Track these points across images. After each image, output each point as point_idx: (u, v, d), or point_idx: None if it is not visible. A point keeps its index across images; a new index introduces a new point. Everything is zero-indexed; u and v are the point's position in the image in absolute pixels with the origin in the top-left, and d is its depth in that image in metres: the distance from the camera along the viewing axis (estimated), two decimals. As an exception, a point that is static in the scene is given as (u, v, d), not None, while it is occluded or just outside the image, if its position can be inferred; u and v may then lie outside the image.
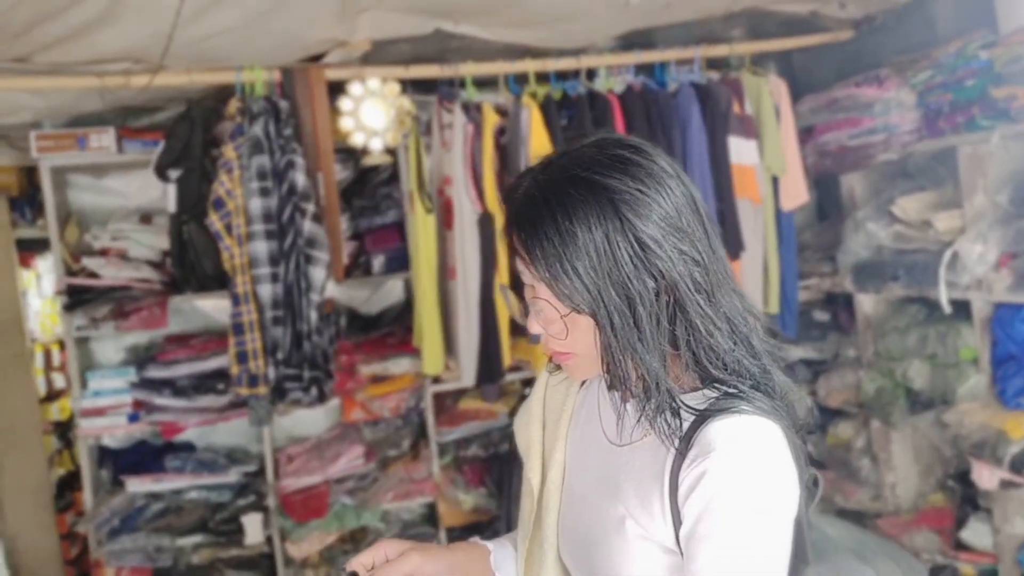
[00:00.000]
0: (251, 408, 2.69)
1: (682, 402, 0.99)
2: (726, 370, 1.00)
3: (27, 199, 4.19)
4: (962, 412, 2.69)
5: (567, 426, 1.18)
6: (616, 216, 0.96)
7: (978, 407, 2.67)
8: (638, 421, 1.03)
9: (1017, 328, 2.55)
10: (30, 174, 4.16)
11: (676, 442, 0.98)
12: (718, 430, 0.95)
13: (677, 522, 0.97)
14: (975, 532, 2.85)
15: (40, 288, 4.80)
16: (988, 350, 2.66)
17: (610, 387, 1.04)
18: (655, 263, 0.96)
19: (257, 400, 2.66)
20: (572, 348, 1.03)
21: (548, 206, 0.97)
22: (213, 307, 3.59)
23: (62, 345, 4.95)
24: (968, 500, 2.95)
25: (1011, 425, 2.52)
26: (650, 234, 0.96)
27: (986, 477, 2.60)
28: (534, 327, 1.04)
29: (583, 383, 1.21)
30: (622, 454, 1.07)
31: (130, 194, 3.52)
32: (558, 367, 1.20)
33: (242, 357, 2.63)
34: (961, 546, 2.89)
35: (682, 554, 0.97)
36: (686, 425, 0.98)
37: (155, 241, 3.33)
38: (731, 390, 0.99)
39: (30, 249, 4.53)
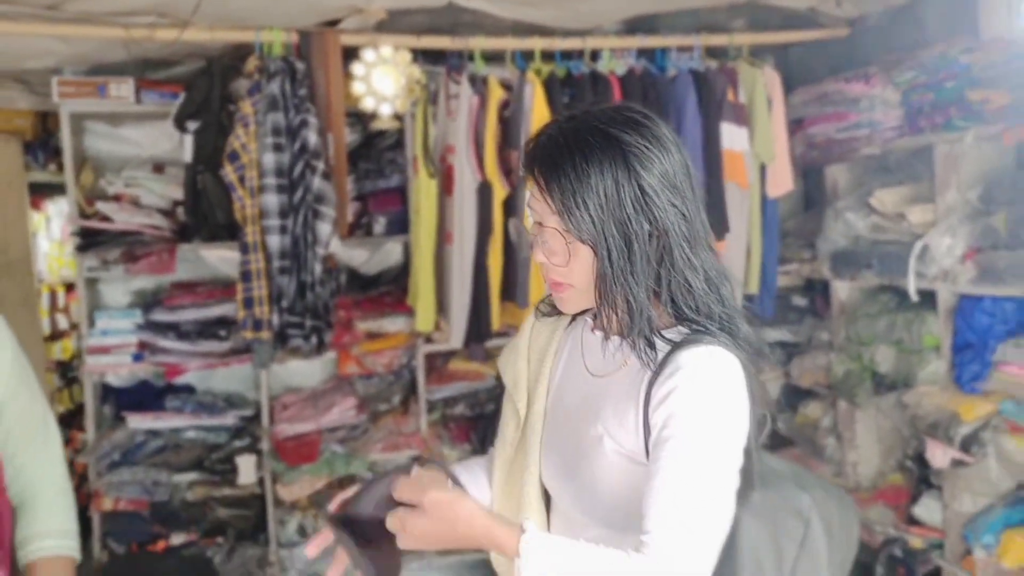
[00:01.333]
0: (255, 351, 2.85)
1: (659, 332, 1.17)
2: (698, 312, 1.17)
3: (40, 144, 4.32)
4: (920, 394, 2.86)
5: (551, 363, 1.35)
6: (625, 165, 1.13)
7: (936, 390, 2.84)
8: (620, 346, 1.20)
9: (977, 318, 2.72)
10: (44, 119, 4.28)
11: (653, 365, 1.15)
12: (688, 355, 1.13)
13: (647, 433, 1.14)
14: (926, 508, 3.04)
15: (49, 231, 4.93)
16: (950, 338, 2.83)
17: (595, 321, 1.21)
18: (652, 210, 1.14)
19: (260, 344, 2.82)
20: (569, 279, 1.20)
21: (569, 149, 1.15)
22: (218, 258, 3.73)
23: (67, 287, 5.10)
24: (923, 480, 3.14)
25: (964, 408, 2.69)
26: (651, 184, 1.14)
27: (939, 456, 2.78)
28: (539, 256, 1.21)
29: (568, 326, 1.37)
30: (601, 383, 1.24)
31: (144, 144, 3.65)
32: (544, 313, 1.36)
33: (248, 303, 2.78)
34: (913, 521, 3.08)
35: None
36: (661, 354, 1.16)
37: (167, 190, 3.46)
38: (700, 328, 1.16)
39: (41, 193, 4.66)
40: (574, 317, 1.36)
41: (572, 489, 1.26)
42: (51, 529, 1.59)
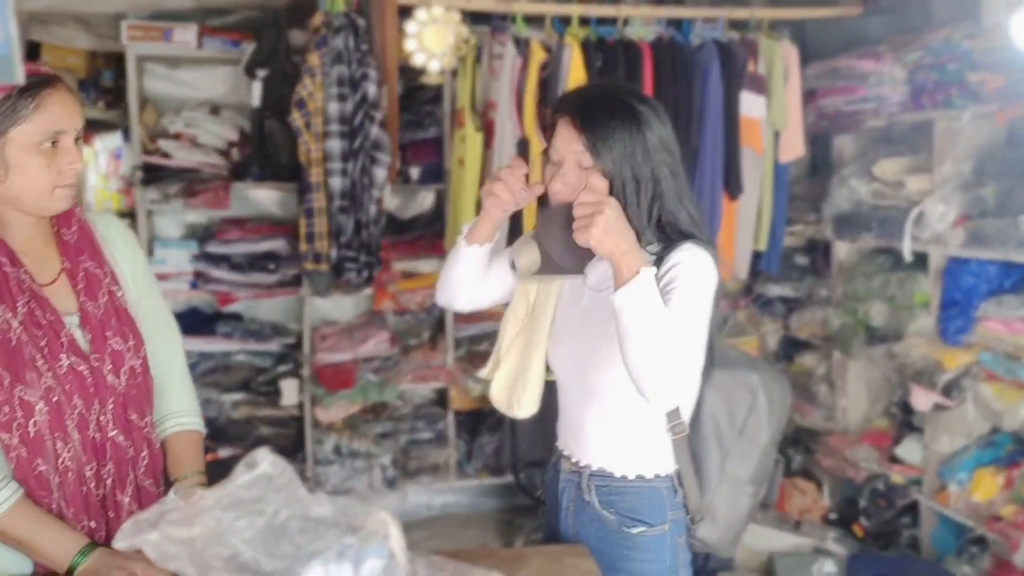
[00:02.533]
0: (313, 281, 3.14)
1: (645, 249, 1.55)
2: (681, 235, 1.57)
3: (92, 82, 4.54)
4: (909, 345, 3.19)
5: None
6: (637, 126, 1.53)
7: (923, 342, 3.17)
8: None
9: (964, 278, 3.04)
10: (93, 58, 4.50)
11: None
12: (679, 251, 1.54)
13: None
14: (908, 449, 3.38)
15: (97, 165, 5.16)
16: (938, 295, 3.15)
17: None
18: (651, 162, 1.53)
19: (319, 275, 3.12)
20: None
21: (600, 104, 1.55)
22: (265, 197, 4.01)
23: (111, 220, 5.33)
24: (906, 424, 3.48)
25: (947, 357, 3.02)
26: (652, 143, 1.54)
27: (922, 400, 3.11)
28: (556, 185, 1.56)
29: None
30: (602, 296, 1.61)
31: (201, 87, 3.90)
32: None
33: (310, 237, 3.08)
34: (895, 460, 3.43)
35: None
36: (653, 259, 1.54)
37: (222, 131, 3.72)
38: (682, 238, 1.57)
39: (89, 129, 4.88)
40: None
41: (581, 372, 1.65)
42: (183, 408, 1.82)
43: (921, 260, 3.24)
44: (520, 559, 1.68)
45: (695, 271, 1.51)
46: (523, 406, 1.75)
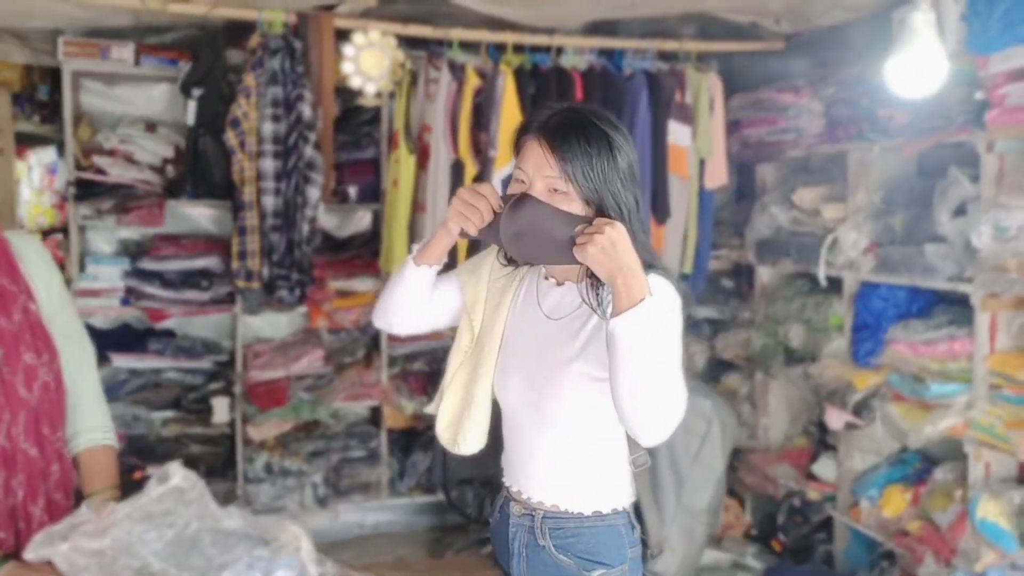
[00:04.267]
0: (245, 299, 3.17)
1: None
2: (650, 256, 1.53)
3: (26, 96, 4.51)
4: (823, 366, 3.32)
5: (509, 303, 1.66)
6: (610, 153, 1.48)
7: (836, 363, 3.31)
8: (585, 291, 1.53)
9: (873, 303, 3.18)
10: (28, 72, 4.47)
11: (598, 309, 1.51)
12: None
13: None
14: (823, 466, 3.52)
15: (30, 179, 5.11)
16: (851, 319, 3.29)
17: (547, 271, 1.58)
18: (632, 191, 1.50)
19: (251, 293, 3.14)
20: None
21: (574, 129, 1.49)
22: (199, 214, 4.02)
23: (44, 234, 5.28)
24: (822, 442, 3.62)
25: (858, 378, 3.16)
26: (623, 171, 1.50)
27: (835, 419, 3.24)
28: None
29: (519, 278, 1.69)
30: (560, 323, 1.59)
31: (136, 103, 3.90)
32: (508, 260, 1.67)
33: (242, 255, 3.11)
34: (812, 477, 3.56)
35: None
36: None
37: (158, 148, 3.73)
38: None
39: (24, 143, 4.83)
40: (520, 270, 1.69)
41: (535, 401, 1.59)
42: (95, 424, 1.84)
43: (836, 285, 3.38)
44: (436, 569, 1.73)
45: (662, 309, 1.43)
46: (468, 442, 1.65)
